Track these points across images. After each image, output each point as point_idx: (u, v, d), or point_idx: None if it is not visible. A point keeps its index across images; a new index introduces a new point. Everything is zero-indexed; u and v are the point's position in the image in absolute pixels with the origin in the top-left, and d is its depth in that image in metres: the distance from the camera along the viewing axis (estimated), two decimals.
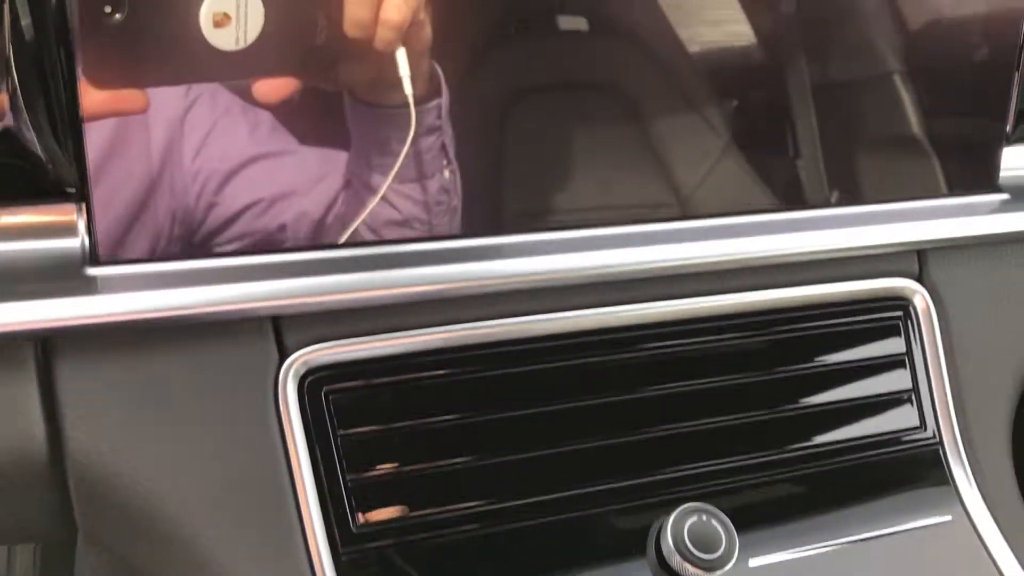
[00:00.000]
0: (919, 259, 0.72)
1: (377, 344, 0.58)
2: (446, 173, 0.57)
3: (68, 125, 0.51)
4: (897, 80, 0.70)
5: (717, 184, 0.67)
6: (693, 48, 0.65)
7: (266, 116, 0.54)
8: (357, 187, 0.56)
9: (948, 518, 0.69)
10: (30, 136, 0.50)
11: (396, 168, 0.56)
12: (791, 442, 0.68)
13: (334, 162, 0.56)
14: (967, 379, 0.72)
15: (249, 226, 0.55)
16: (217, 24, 0.49)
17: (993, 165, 0.73)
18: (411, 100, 0.54)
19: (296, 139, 0.55)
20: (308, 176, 0.55)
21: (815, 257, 0.68)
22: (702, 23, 0.66)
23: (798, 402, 0.69)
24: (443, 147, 0.57)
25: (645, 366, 0.65)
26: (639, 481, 0.63)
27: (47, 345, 0.53)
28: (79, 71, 0.49)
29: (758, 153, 0.68)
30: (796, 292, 0.69)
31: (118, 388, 0.54)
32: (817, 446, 0.68)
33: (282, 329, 0.57)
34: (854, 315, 0.71)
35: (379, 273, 0.57)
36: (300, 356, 0.57)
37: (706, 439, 0.65)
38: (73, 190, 0.53)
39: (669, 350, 0.66)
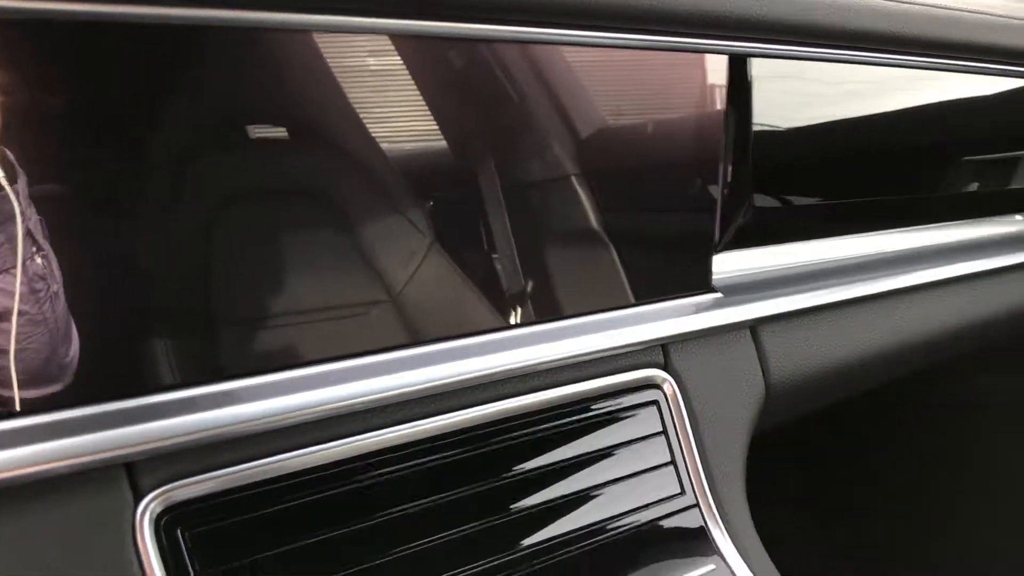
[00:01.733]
0: (663, 351, 0.86)
1: (225, 478, 0.61)
2: (38, 259, 0.54)
3: None
4: (623, 203, 0.83)
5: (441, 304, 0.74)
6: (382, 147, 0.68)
7: None
8: None
9: (711, 568, 0.82)
10: None
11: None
12: (574, 522, 0.78)
13: None
14: (710, 446, 0.87)
15: None
16: None
17: (706, 270, 0.90)
18: (6, 185, 0.52)
19: None
20: None
21: (577, 360, 0.79)
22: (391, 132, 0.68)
23: (578, 485, 0.79)
24: (29, 233, 0.54)
25: (439, 474, 0.72)
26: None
27: None
28: None
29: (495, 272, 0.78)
30: (564, 391, 0.80)
31: None
32: (597, 522, 0.79)
33: (135, 472, 0.59)
34: (618, 404, 0.83)
35: (224, 410, 0.60)
36: (155, 497, 0.59)
37: (496, 536, 0.74)
38: None
39: (459, 456, 0.73)
